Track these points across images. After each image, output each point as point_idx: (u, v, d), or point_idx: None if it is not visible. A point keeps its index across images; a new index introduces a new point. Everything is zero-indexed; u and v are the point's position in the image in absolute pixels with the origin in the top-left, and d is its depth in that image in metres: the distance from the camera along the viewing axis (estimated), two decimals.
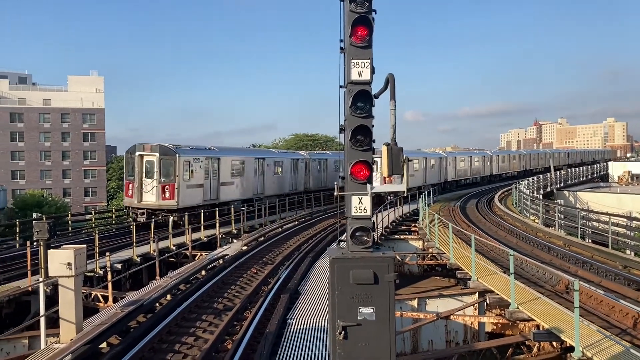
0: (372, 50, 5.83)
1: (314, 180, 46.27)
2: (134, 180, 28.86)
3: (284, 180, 41.00)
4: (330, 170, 48.68)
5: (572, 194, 49.76)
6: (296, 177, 42.84)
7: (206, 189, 30.88)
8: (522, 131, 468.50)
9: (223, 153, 33.24)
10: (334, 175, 48.35)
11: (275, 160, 39.74)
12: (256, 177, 36.53)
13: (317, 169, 47.01)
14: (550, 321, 11.38)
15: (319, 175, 47.26)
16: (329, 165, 48.86)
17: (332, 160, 49.40)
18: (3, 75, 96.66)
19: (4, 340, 12.17)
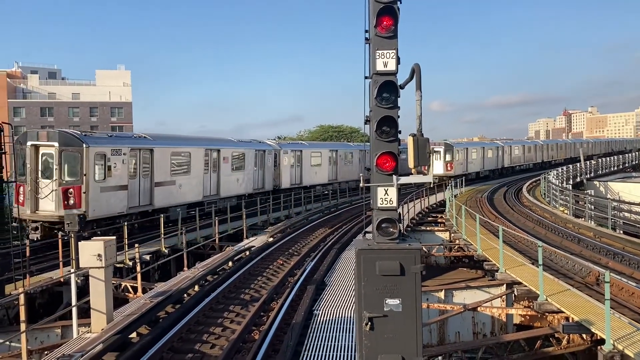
0: (397, 41, 5.78)
1: (293, 176, 39.01)
2: (25, 182, 20.64)
3: (247, 177, 32.77)
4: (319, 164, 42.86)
5: (603, 184, 48.81)
6: (262, 173, 34.67)
7: (132, 192, 22.93)
8: (551, 120, 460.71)
9: (158, 143, 25.18)
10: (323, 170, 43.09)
11: (234, 152, 31.75)
12: (208, 174, 28.78)
13: (297, 163, 39.95)
14: (580, 313, 11.21)
15: (295, 172, 39.80)
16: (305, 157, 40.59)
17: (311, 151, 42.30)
18: (34, 70, 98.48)
19: (38, 330, 12.47)
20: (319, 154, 42.90)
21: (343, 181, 45.32)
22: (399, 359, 5.77)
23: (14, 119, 78.99)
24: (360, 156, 48.41)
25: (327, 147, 46.85)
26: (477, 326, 15.25)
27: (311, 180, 41.35)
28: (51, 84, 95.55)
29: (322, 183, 42.86)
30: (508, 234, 20.05)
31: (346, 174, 46.15)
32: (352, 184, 45.89)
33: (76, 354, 9.20)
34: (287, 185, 38.00)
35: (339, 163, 45.60)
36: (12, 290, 14.62)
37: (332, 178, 44.43)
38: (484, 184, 49.89)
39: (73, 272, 11.26)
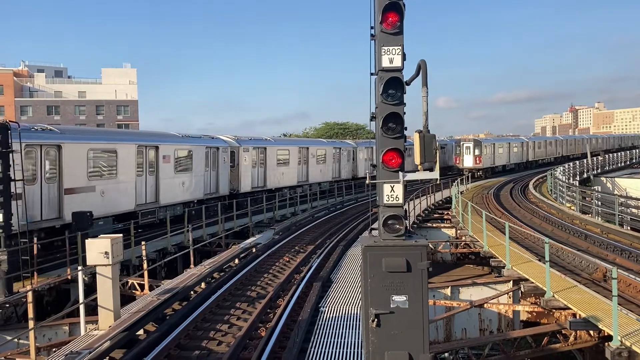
0: (403, 37, 5.77)
1: (255, 178, 33.48)
2: None
3: (196, 180, 27.15)
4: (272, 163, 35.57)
5: (610, 180, 48.60)
6: (215, 175, 29.01)
7: (31, 203, 16.97)
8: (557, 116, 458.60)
9: (69, 137, 19.81)
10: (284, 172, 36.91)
11: (178, 150, 25.76)
12: (143, 178, 23.26)
13: (260, 163, 34.05)
14: (587, 310, 11.18)
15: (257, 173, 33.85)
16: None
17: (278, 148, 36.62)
18: (40, 69, 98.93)
19: (46, 327, 12.55)
20: (286, 151, 37.30)
21: (315, 182, 40.47)
22: (406, 355, 5.77)
23: (20, 118, 79.36)
24: (336, 154, 44.51)
25: (296, 143, 40.51)
26: (483, 323, 15.23)
27: (277, 182, 35.79)
28: (57, 82, 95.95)
29: (290, 185, 37.51)
30: (514, 231, 20.00)
31: (318, 174, 41.46)
32: (325, 186, 41.79)
33: (84, 351, 9.25)
34: (247, 188, 32.17)
35: (311, 162, 40.38)
36: (20, 288, 14.70)
37: (302, 179, 39.24)
38: (507, 175, 56.09)
39: (80, 269, 11.31)
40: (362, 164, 48.82)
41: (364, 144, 50.48)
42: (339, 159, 45.32)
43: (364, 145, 50.13)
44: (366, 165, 48.53)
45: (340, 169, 45.71)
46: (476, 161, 54.12)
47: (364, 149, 49.19)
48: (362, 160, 48.91)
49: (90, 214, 18.94)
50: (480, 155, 53.97)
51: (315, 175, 40.98)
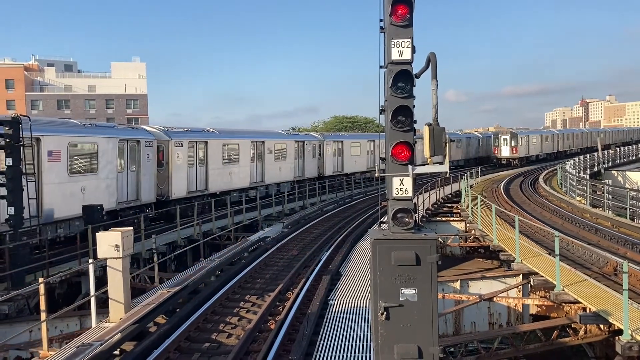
0: (412, 29, 5.75)
1: (192, 180, 27.04)
2: None
3: (116, 184, 21.56)
4: None
5: (621, 174, 48.24)
6: (133, 177, 22.84)
7: None
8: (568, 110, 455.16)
9: None
10: None
11: (80, 143, 20.05)
12: None
13: (201, 161, 27.64)
14: (598, 304, 11.14)
15: (196, 174, 27.34)
16: None
17: None
18: (50, 63, 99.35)
19: (57, 319, 12.65)
20: (235, 145, 30.59)
21: (272, 183, 34.15)
22: (415, 348, 5.78)
23: (31, 112, 79.85)
24: (299, 149, 37.46)
25: (248, 136, 32.52)
26: (493, 316, 15.22)
27: (222, 184, 28.97)
28: (67, 76, 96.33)
29: (242, 187, 30.97)
30: (524, 224, 19.92)
31: (276, 173, 34.71)
32: (286, 187, 35.34)
33: (95, 343, 9.33)
34: (182, 193, 26.03)
35: (267, 159, 33.50)
36: (32, 281, 14.84)
37: (257, 180, 32.64)
38: (539, 164, 60.76)
39: (91, 262, 11.40)
40: (329, 160, 42.04)
41: (332, 137, 44.27)
42: (302, 155, 38.20)
43: (332, 138, 43.77)
44: (334, 162, 42.48)
45: (304, 167, 38.80)
46: (513, 151, 60.96)
47: (331, 142, 42.47)
48: (330, 156, 42.19)
49: (100, 207, 19.08)
50: (516, 146, 60.61)
51: (273, 175, 33.92)
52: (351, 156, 44.73)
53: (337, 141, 43.07)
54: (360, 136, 50.07)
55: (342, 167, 43.59)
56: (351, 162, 44.51)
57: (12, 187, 14.91)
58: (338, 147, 42.97)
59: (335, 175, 41.82)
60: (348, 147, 44.05)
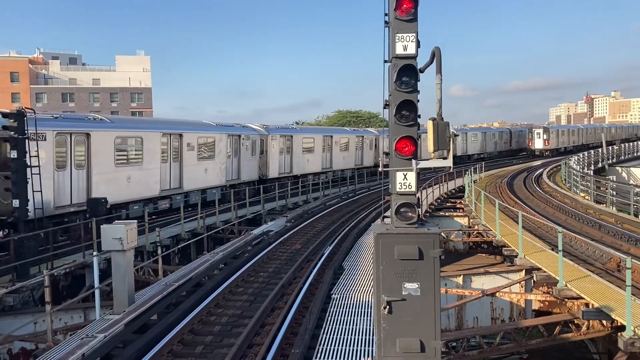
0: (417, 24, 5.74)
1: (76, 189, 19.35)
2: None
3: None
4: None
5: (625, 170, 48.10)
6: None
7: None
8: (572, 105, 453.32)
9: None
10: None
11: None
12: None
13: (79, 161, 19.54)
14: (600, 299, 11.14)
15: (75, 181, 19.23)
16: None
17: None
18: (55, 56, 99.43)
19: (62, 311, 12.73)
20: (138, 140, 22.54)
21: (195, 189, 26.22)
22: (417, 342, 5.81)
23: (36, 105, 79.95)
24: (232, 144, 29.81)
25: (159, 127, 24.51)
26: (495, 311, 15.23)
27: (123, 192, 21.41)
28: (72, 69, 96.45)
29: (151, 196, 23.09)
30: (527, 220, 19.91)
31: (201, 175, 26.82)
32: (216, 194, 26.59)
33: (99, 335, 9.39)
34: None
35: (187, 158, 25.46)
36: (37, 273, 14.92)
37: (172, 186, 24.55)
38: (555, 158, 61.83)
39: (96, 255, 11.46)
40: (275, 158, 40.81)
41: (278, 131, 42.60)
42: (237, 152, 31.91)
43: (278, 132, 39.50)
44: (281, 161, 37.85)
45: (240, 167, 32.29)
46: (545, 144, 68.72)
47: (277, 137, 38.44)
48: (276, 154, 40.80)
49: (105, 200, 19.15)
50: (548, 139, 68.37)
51: (195, 178, 26.37)
52: (303, 154, 38.05)
53: (284, 136, 36.07)
54: (315, 130, 45.36)
55: (291, 167, 36.62)
56: (303, 162, 38.05)
57: (17, 180, 14.97)
58: (286, 143, 36.06)
59: (282, 177, 35.19)
60: (299, 143, 37.45)
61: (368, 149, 47.53)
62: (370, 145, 47.96)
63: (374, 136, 48.93)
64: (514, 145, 74.65)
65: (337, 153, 42.61)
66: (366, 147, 47.11)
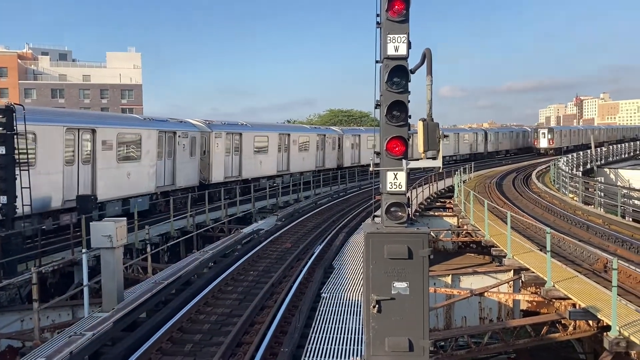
0: (409, 25, 5.77)
1: None
2: None
3: None
4: None
5: (614, 172, 48.50)
6: None
7: None
8: (562, 107, 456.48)
9: None
10: None
11: None
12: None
13: None
14: (587, 300, 11.24)
15: None
16: None
17: None
18: (44, 52, 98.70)
19: (50, 309, 12.66)
20: (30, 135, 17.22)
21: (112, 199, 21.41)
22: (406, 341, 5.85)
23: (25, 100, 79.30)
24: (164, 142, 25.22)
25: (62, 120, 19.76)
26: (483, 311, 15.32)
27: None
28: (62, 65, 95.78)
29: (54, 208, 18.54)
30: (516, 220, 20.03)
31: (122, 181, 22.03)
32: (143, 204, 22.70)
33: (87, 333, 9.36)
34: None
35: (103, 159, 20.74)
36: (24, 270, 14.83)
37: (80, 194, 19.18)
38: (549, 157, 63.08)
39: (84, 252, 11.40)
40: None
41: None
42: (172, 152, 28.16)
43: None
44: (227, 163, 34.29)
45: None
46: (550, 143, 73.12)
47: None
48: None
49: (94, 197, 19.06)
50: (552, 138, 73.20)
51: (115, 184, 21.47)
52: (255, 155, 33.33)
53: (231, 133, 31.25)
54: (269, 127, 37.90)
55: (240, 170, 31.82)
56: (254, 163, 33.22)
57: (5, 176, 14.87)
58: (234, 141, 31.41)
59: (229, 181, 30.57)
60: (250, 142, 32.73)
61: (330, 149, 43.35)
62: (333, 145, 43.81)
63: (338, 135, 45.20)
64: (521, 144, 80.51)
65: (296, 153, 37.98)
66: (328, 147, 42.93)
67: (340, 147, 44.93)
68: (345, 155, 45.53)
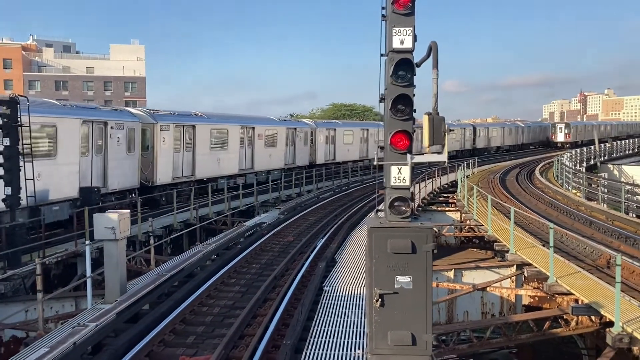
0: (414, 18, 5.74)
1: None
2: None
3: None
4: None
5: (617, 168, 48.37)
6: None
7: None
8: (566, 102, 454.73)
9: None
10: None
11: None
12: None
13: None
14: (590, 295, 11.24)
15: None
16: None
17: None
18: (48, 44, 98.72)
19: (53, 300, 12.71)
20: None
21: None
22: (409, 335, 5.85)
23: (29, 92, 79.43)
24: (91, 135, 20.38)
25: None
26: (485, 306, 15.34)
27: None
28: (66, 57, 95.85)
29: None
30: (519, 216, 20.01)
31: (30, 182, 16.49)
32: (61, 212, 18.55)
33: (90, 324, 9.39)
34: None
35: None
36: (28, 261, 14.88)
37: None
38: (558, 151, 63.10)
39: (88, 244, 11.43)
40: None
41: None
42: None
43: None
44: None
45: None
46: (566, 137, 77.26)
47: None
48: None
49: (97, 189, 19.09)
50: (569, 133, 77.51)
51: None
52: (212, 151, 28.72)
53: (182, 125, 26.58)
54: (230, 119, 31.95)
55: (193, 169, 27.26)
56: (211, 161, 28.95)
57: (9, 167, 14.90)
58: (185, 135, 26.75)
59: (179, 182, 26.23)
60: (205, 136, 28.31)
61: (302, 145, 38.61)
62: (304, 139, 39.03)
63: (310, 128, 40.19)
64: (539, 138, 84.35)
65: (261, 149, 33.38)
66: (299, 142, 38.19)
67: (313, 142, 40.60)
68: (319, 151, 41.16)
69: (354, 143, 45.34)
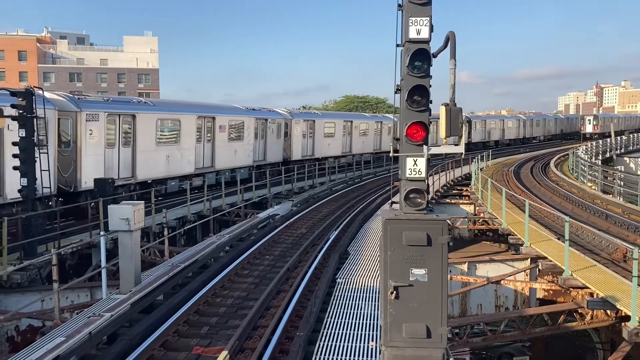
0: (431, 8, 5.67)
1: None
2: None
3: None
4: None
5: (633, 161, 47.81)
6: None
7: None
8: (582, 94, 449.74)
9: None
10: None
11: None
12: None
13: None
14: (606, 289, 11.13)
15: None
16: None
17: None
18: (62, 36, 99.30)
19: (69, 290, 12.84)
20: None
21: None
22: (423, 328, 5.81)
23: (43, 84, 80.00)
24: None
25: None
26: (499, 299, 15.26)
27: None
28: (79, 49, 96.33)
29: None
30: (534, 209, 19.85)
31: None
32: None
33: (106, 314, 9.47)
34: None
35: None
36: (44, 251, 15.02)
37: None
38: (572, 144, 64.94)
39: (102, 235, 11.51)
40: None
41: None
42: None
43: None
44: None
45: None
46: (594, 128, 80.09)
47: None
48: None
49: (112, 181, 19.20)
50: (597, 124, 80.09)
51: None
52: (158, 146, 23.85)
53: (118, 114, 21.59)
54: (183, 107, 26.90)
55: (134, 168, 22.40)
56: (157, 159, 23.75)
57: (25, 158, 15.02)
58: (123, 126, 21.81)
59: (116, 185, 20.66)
60: (150, 128, 23.35)
61: (275, 138, 34.06)
62: (277, 132, 34.40)
63: (284, 119, 35.62)
64: (567, 129, 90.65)
65: (223, 144, 28.70)
66: (271, 135, 33.54)
67: (287, 136, 35.98)
68: (295, 145, 36.37)
69: (335, 136, 41.07)
